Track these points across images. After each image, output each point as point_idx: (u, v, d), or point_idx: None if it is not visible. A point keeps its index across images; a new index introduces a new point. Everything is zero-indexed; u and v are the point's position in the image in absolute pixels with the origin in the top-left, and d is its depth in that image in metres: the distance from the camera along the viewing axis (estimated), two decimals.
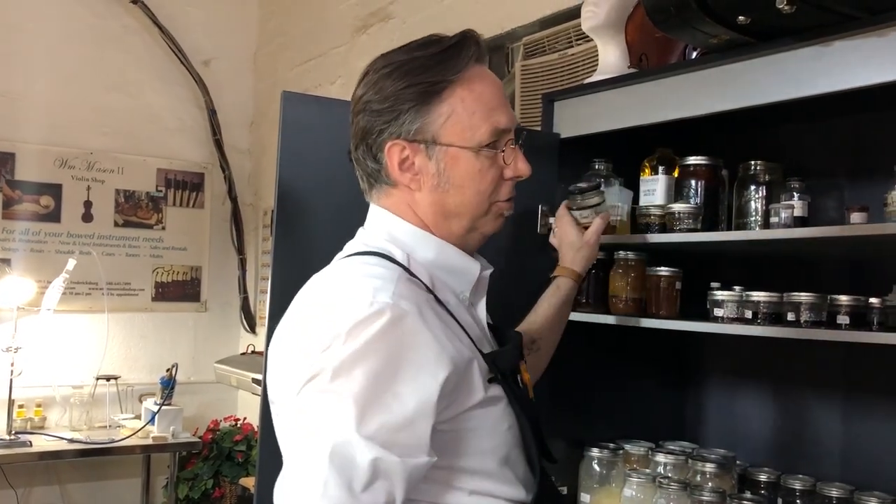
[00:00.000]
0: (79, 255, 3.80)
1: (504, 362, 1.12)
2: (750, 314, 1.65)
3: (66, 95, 4.02)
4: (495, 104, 1.15)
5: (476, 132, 1.13)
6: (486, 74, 1.17)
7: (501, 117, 1.15)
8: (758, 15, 1.41)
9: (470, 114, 1.13)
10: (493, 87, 1.17)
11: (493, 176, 1.16)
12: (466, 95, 1.13)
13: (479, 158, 1.14)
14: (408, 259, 1.14)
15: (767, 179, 1.76)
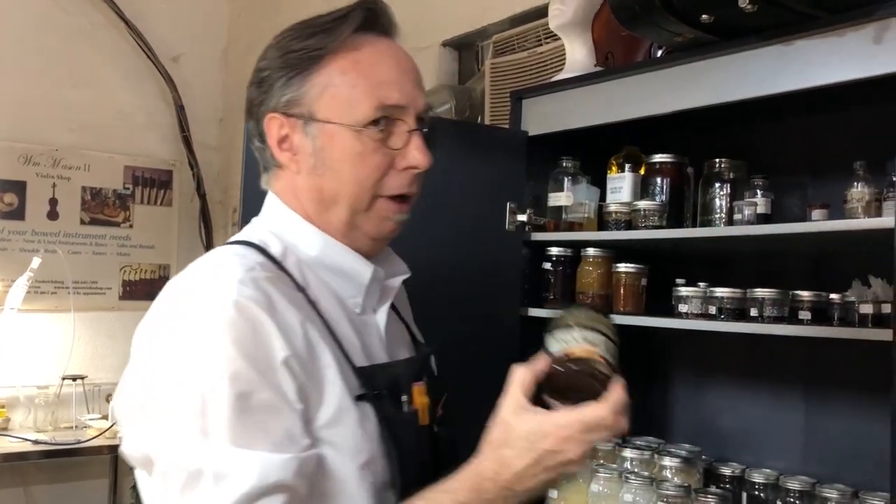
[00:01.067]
0: (44, 254, 3.74)
1: (383, 379, 0.97)
2: (714, 310, 1.68)
3: (31, 91, 3.95)
4: (386, 78, 0.99)
5: (356, 108, 0.97)
6: (382, 46, 1.01)
7: (391, 93, 0.98)
8: (721, 13, 1.43)
9: (350, 86, 0.98)
10: (390, 60, 1.01)
11: (377, 162, 0.98)
12: (349, 67, 0.98)
13: (361, 139, 0.97)
14: (284, 253, 1.01)
15: (732, 177, 1.78)
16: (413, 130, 1.00)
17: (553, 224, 1.98)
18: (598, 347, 0.93)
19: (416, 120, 1.01)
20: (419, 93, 1.02)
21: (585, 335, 0.93)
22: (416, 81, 1.03)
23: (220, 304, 0.88)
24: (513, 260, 1.96)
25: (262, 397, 0.86)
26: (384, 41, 1.03)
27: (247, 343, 0.87)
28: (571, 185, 1.97)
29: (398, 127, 1.00)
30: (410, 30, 3.36)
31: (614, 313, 1.86)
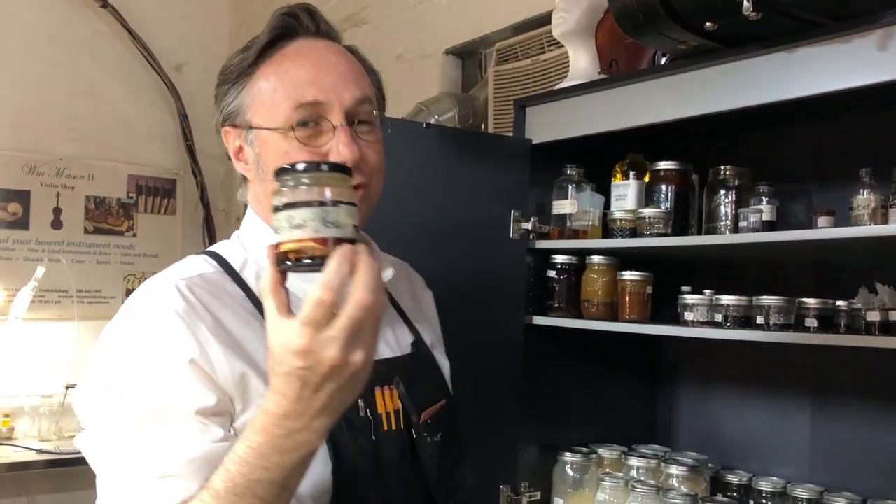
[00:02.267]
0: (48, 263, 3.75)
1: None
2: (720, 318, 1.67)
3: (34, 101, 3.96)
4: (304, 78, 0.99)
5: (278, 111, 0.99)
6: (306, 48, 1.03)
7: (308, 91, 0.99)
8: (725, 21, 1.43)
9: (272, 91, 1.01)
10: (310, 60, 1.01)
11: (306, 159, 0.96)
12: (271, 72, 1.02)
13: (287, 141, 0.99)
14: (245, 262, 1.05)
15: (737, 184, 1.78)
16: (337, 126, 0.99)
17: (557, 232, 1.98)
18: (305, 229, 0.75)
19: (346, 114, 1.00)
20: (345, 87, 1.00)
21: (292, 216, 0.76)
22: (342, 76, 1.01)
23: (138, 310, 0.96)
24: (517, 268, 1.96)
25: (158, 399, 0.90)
26: (311, 43, 1.04)
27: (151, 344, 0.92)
28: (576, 192, 1.97)
29: (325, 125, 1.00)
30: (413, 38, 3.39)
31: (619, 321, 1.86)
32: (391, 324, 1.14)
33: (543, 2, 2.51)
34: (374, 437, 0.99)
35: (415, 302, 1.24)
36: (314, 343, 0.73)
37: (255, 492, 0.78)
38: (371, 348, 0.76)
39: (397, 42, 3.25)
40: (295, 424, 0.76)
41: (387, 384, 1.03)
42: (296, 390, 0.75)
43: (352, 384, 0.76)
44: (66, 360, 3.90)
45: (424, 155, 1.84)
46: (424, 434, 1.04)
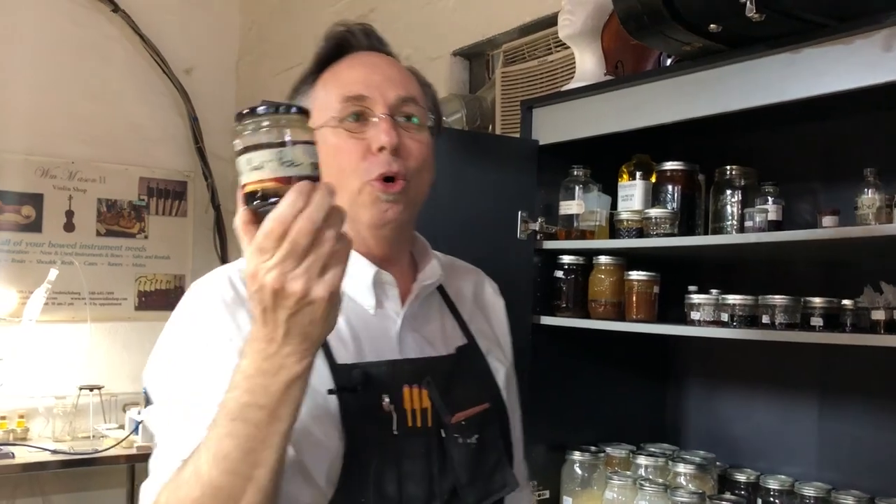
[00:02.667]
0: (61, 265, 3.78)
1: (359, 375, 1.01)
2: (726, 317, 1.68)
3: (47, 105, 4.00)
4: (353, 78, 1.09)
5: (329, 107, 1.08)
6: (358, 56, 1.13)
7: (354, 86, 1.07)
8: (729, 23, 1.44)
9: (326, 93, 1.10)
10: (360, 63, 1.11)
11: (351, 148, 1.06)
12: (328, 79, 1.12)
13: (337, 133, 1.06)
14: None
15: (743, 184, 1.79)
16: (380, 117, 1.06)
17: (564, 232, 1.99)
18: (264, 169, 0.79)
19: (390, 107, 1.07)
20: (390, 86, 1.08)
21: (251, 159, 0.79)
22: (388, 77, 1.09)
23: (193, 297, 1.07)
24: (524, 268, 1.97)
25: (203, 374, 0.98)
26: (364, 54, 1.13)
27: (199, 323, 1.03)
28: (582, 193, 1.98)
29: (370, 117, 1.07)
30: (421, 40, 3.40)
31: (627, 321, 1.87)
32: (442, 323, 1.18)
33: (550, 3, 2.52)
34: (396, 431, 1.03)
35: (478, 306, 1.27)
36: (258, 269, 0.78)
37: (245, 416, 0.83)
38: (315, 281, 0.78)
39: (405, 44, 3.26)
40: (269, 348, 0.82)
41: (416, 383, 1.06)
42: (259, 314, 0.81)
43: (306, 312, 0.79)
44: (79, 362, 3.94)
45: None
46: (455, 435, 1.07)
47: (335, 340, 1.03)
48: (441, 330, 1.17)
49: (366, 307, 1.10)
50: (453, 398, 1.09)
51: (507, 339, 1.30)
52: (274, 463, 0.85)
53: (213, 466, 0.84)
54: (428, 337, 1.14)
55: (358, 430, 1.00)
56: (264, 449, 0.84)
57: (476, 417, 1.10)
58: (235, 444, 0.83)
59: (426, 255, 1.19)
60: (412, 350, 1.11)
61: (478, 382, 1.16)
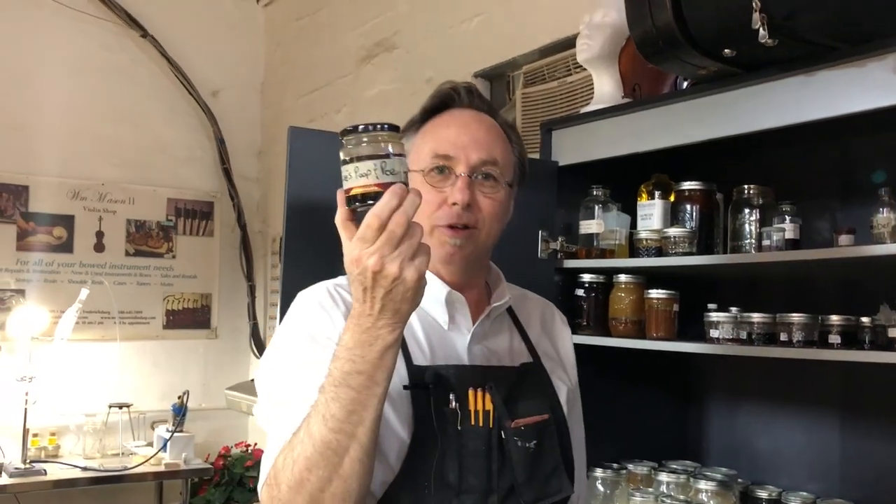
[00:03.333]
0: (91, 285, 3.87)
1: (431, 375, 1.17)
2: (745, 335, 1.70)
3: (78, 128, 4.10)
4: (445, 136, 1.24)
5: (423, 157, 1.24)
6: (456, 114, 1.27)
7: (444, 146, 1.23)
8: (743, 48, 1.47)
9: (423, 143, 1.26)
10: (455, 123, 1.26)
11: (431, 197, 1.21)
12: (428, 131, 1.27)
13: (423, 180, 1.22)
14: None
15: (760, 203, 1.81)
16: (459, 175, 1.22)
17: (585, 251, 2.02)
18: (369, 176, 0.96)
19: (471, 168, 1.22)
20: (475, 148, 1.23)
21: (358, 167, 0.96)
22: (475, 140, 1.24)
23: (298, 303, 1.23)
24: (546, 287, 2.00)
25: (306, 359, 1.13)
26: (462, 111, 1.28)
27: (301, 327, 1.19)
28: (602, 212, 2.01)
29: (452, 173, 1.23)
30: (443, 62, 3.45)
31: (647, 338, 1.90)
32: (510, 341, 1.32)
33: (569, 25, 2.56)
34: (460, 426, 1.17)
35: (547, 333, 1.40)
36: (361, 254, 0.96)
37: (348, 382, 0.99)
38: (408, 264, 0.96)
39: (427, 65, 3.32)
40: (366, 322, 0.99)
41: (480, 387, 1.19)
42: (359, 293, 0.98)
43: (398, 290, 0.97)
44: (108, 380, 4.02)
45: None
46: (515, 438, 1.19)
47: (414, 345, 1.20)
48: (509, 347, 1.31)
49: (440, 322, 1.25)
50: (515, 406, 1.21)
51: (572, 363, 1.42)
52: (372, 422, 1.00)
53: (322, 426, 1.00)
54: (495, 351, 1.28)
55: (426, 422, 1.15)
56: (364, 409, 1.00)
57: (535, 425, 1.22)
58: (340, 406, 0.99)
59: (499, 283, 1.34)
60: (479, 360, 1.25)
61: (539, 395, 1.27)
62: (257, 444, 4.17)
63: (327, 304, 1.21)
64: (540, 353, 1.33)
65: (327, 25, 4.04)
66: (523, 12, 2.87)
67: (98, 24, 4.13)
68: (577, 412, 1.39)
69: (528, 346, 1.33)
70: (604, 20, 1.98)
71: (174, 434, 3.73)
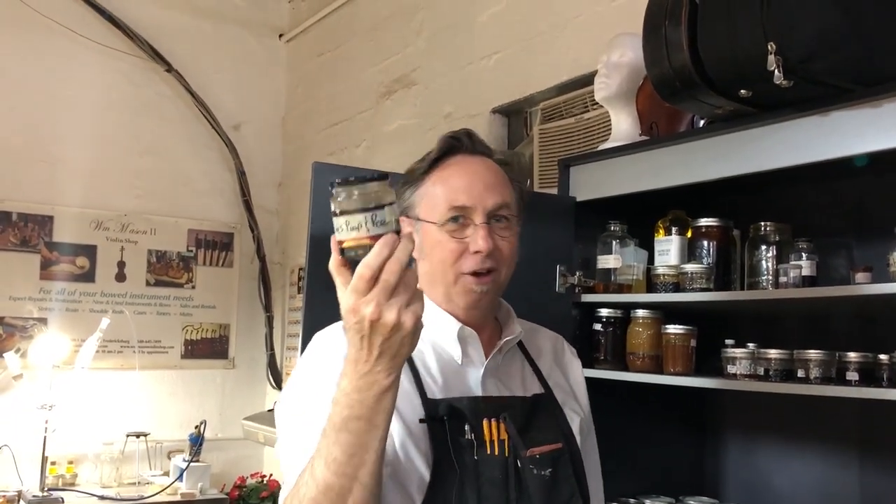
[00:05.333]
0: (112, 314, 3.91)
1: (445, 409, 1.19)
2: (762, 371, 1.71)
3: (102, 160, 4.18)
4: (459, 185, 1.28)
5: (438, 208, 1.27)
6: (465, 161, 1.31)
7: (460, 196, 1.26)
8: (758, 89, 1.50)
9: (435, 194, 1.28)
10: (466, 172, 1.29)
11: (453, 247, 1.25)
12: (438, 180, 1.29)
13: (441, 231, 1.26)
14: None
15: (777, 240, 1.83)
16: (478, 224, 1.25)
17: (602, 286, 2.04)
18: (360, 229, 0.96)
19: (487, 215, 1.26)
20: (489, 195, 1.27)
21: (349, 221, 0.96)
22: (488, 185, 1.28)
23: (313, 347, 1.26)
24: (563, 321, 2.01)
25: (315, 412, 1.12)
26: (471, 158, 1.31)
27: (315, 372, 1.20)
28: (620, 248, 2.03)
29: (470, 221, 1.26)
30: (462, 98, 3.50)
31: (664, 373, 1.91)
32: (522, 374, 1.35)
33: (587, 63, 2.61)
34: (476, 456, 1.20)
35: (558, 365, 1.43)
36: (357, 304, 0.97)
37: (347, 427, 1.01)
38: (405, 311, 0.97)
39: (446, 101, 3.38)
40: (363, 367, 1.00)
41: (494, 417, 1.23)
42: (356, 341, 0.99)
43: (396, 337, 0.98)
44: (126, 409, 4.05)
45: None
46: (531, 466, 1.22)
47: (429, 380, 1.24)
48: (521, 379, 1.34)
49: (454, 357, 1.28)
50: (529, 435, 1.24)
51: (583, 394, 1.44)
52: (374, 463, 1.02)
53: (325, 469, 1.02)
54: (508, 383, 1.31)
55: (443, 453, 1.17)
56: (365, 452, 1.02)
57: (550, 454, 1.25)
58: (341, 450, 1.01)
59: (509, 318, 1.37)
60: (493, 392, 1.28)
61: (552, 425, 1.30)
62: (273, 475, 4.17)
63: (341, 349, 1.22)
64: (551, 384, 1.36)
65: (348, 61, 4.12)
66: (541, 50, 2.92)
67: (124, 59, 4.22)
68: (591, 442, 1.42)
69: (540, 378, 1.36)
70: (621, 59, 2.02)
71: (191, 463, 3.75)
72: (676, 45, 1.55)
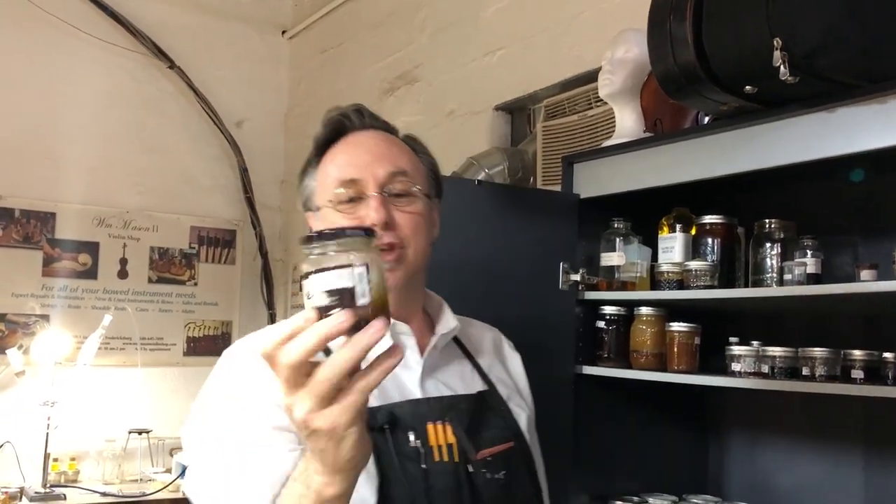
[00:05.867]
0: (114, 311, 3.91)
1: (385, 415, 1.09)
2: (767, 369, 1.70)
3: (104, 157, 4.17)
4: (346, 160, 1.18)
5: (328, 189, 1.18)
6: (352, 137, 1.21)
7: (348, 169, 1.17)
8: (764, 85, 1.49)
9: (325, 175, 1.20)
10: (352, 145, 1.20)
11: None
12: (328, 161, 1.21)
13: (335, 213, 1.16)
14: None
15: (782, 237, 1.82)
16: (371, 196, 1.15)
17: (606, 283, 2.03)
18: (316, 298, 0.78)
19: (380, 185, 1.16)
20: (379, 164, 1.17)
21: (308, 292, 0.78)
22: (378, 155, 1.18)
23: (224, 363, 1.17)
24: (566, 319, 2.01)
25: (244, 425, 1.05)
26: (357, 134, 1.22)
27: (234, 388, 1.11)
28: (623, 245, 2.02)
29: (363, 196, 1.16)
30: (465, 95, 3.49)
31: (668, 371, 1.90)
32: (461, 371, 1.26)
33: (590, 60, 2.60)
34: (424, 465, 1.10)
35: (498, 360, 1.35)
36: (289, 402, 0.80)
37: None
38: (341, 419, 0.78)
39: (449, 99, 3.37)
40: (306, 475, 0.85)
41: (440, 420, 1.13)
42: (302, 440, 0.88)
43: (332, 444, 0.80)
44: (128, 406, 4.04)
45: (476, 210, 1.93)
46: (483, 470, 1.13)
47: None
48: (460, 376, 1.25)
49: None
50: (478, 436, 1.15)
51: (526, 389, 1.37)
52: None
53: None
54: (448, 383, 1.21)
55: (388, 467, 1.07)
56: None
57: (501, 455, 1.16)
58: None
59: (441, 310, 1.27)
60: (433, 392, 1.18)
61: (500, 423, 1.21)
62: None
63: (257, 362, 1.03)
64: (493, 379, 1.28)
65: (351, 58, 4.11)
66: (545, 46, 2.91)
67: (126, 56, 4.21)
68: (536, 441, 1.33)
69: (481, 373, 1.28)
70: (626, 56, 2.01)
71: None
72: (681, 41, 1.54)
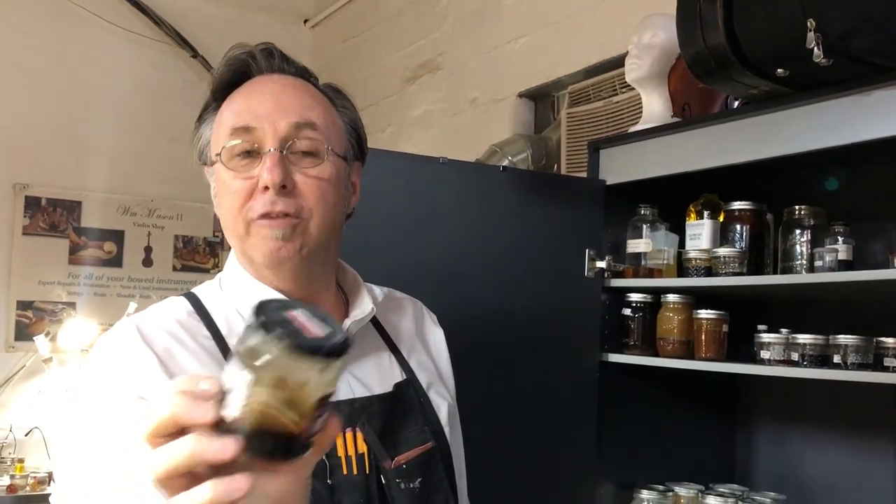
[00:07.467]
0: (139, 299, 3.95)
1: None
2: (796, 356, 1.68)
3: (129, 146, 4.21)
4: (245, 107, 0.98)
5: (221, 140, 0.98)
6: (254, 82, 1.02)
7: (243, 116, 0.97)
8: (796, 68, 1.47)
9: (220, 123, 1.00)
10: (252, 90, 1.00)
11: (238, 187, 0.96)
12: (224, 109, 1.01)
13: (227, 169, 0.97)
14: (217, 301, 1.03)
15: (812, 223, 1.79)
16: (267, 153, 0.96)
17: (632, 270, 2.01)
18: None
19: (280, 140, 0.96)
20: (282, 114, 0.97)
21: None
22: (281, 103, 0.98)
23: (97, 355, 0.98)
24: (592, 306, 2.00)
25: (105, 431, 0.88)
26: (263, 78, 1.02)
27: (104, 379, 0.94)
28: (650, 232, 2.01)
29: (260, 152, 0.97)
30: (488, 82, 3.47)
31: (695, 359, 1.88)
32: (377, 361, 1.09)
33: (615, 46, 2.58)
34: (330, 480, 0.96)
35: (419, 338, 1.19)
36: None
37: None
38: None
39: (472, 86, 3.35)
40: None
41: (350, 427, 0.98)
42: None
43: None
44: None
45: (502, 196, 1.92)
46: (397, 480, 0.99)
47: None
48: (377, 367, 1.08)
49: None
50: (393, 440, 1.02)
51: (448, 371, 1.21)
52: None
53: None
54: (361, 377, 1.05)
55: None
56: None
57: (418, 459, 1.03)
58: None
59: (357, 288, 1.10)
60: (344, 393, 1.01)
61: (419, 421, 1.06)
62: None
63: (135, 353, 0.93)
64: (414, 365, 1.12)
65: (373, 46, 4.10)
66: (568, 33, 2.89)
67: (150, 45, 4.24)
68: (458, 432, 1.17)
69: (400, 360, 1.11)
70: (652, 40, 1.98)
71: None
72: (712, 23, 1.52)
